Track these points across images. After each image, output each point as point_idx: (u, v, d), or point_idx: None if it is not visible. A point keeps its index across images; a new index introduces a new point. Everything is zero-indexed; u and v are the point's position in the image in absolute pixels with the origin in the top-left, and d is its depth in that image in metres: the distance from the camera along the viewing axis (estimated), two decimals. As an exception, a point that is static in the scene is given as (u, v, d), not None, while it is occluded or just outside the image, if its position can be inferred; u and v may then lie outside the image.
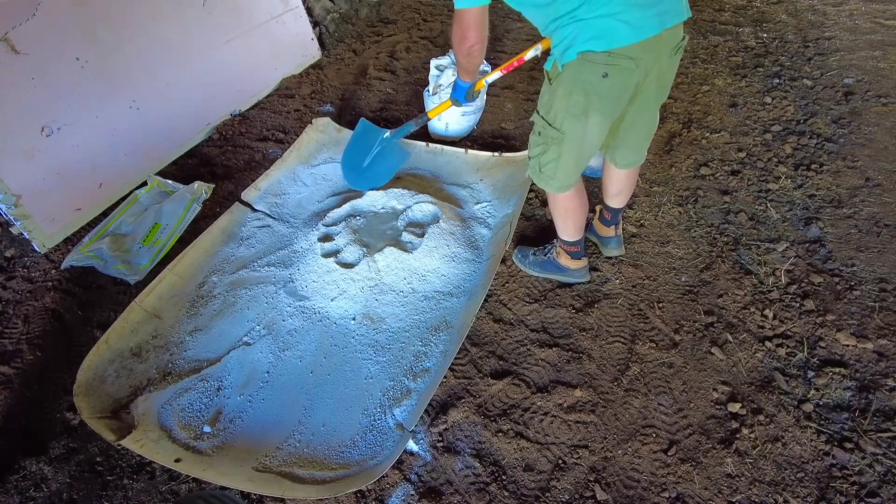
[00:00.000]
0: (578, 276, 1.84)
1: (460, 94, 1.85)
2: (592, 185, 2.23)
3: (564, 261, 1.81)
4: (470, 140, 2.63)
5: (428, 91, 2.53)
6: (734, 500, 1.35)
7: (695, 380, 1.60)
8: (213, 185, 2.37)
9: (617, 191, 1.77)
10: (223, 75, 2.73)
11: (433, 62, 2.55)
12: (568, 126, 1.39)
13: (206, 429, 1.52)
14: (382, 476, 1.38)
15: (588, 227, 1.96)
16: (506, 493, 1.39)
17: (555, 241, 1.84)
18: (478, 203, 2.19)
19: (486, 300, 1.82)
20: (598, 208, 1.93)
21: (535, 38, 1.38)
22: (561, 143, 1.43)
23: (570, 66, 1.30)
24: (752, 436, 1.46)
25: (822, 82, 2.77)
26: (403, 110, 2.86)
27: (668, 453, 1.44)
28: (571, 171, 1.53)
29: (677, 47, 1.36)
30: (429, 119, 2.16)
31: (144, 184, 2.36)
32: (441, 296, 1.83)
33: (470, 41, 1.43)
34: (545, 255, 1.87)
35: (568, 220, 1.69)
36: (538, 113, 1.46)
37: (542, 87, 1.44)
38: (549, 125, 1.42)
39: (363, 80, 3.11)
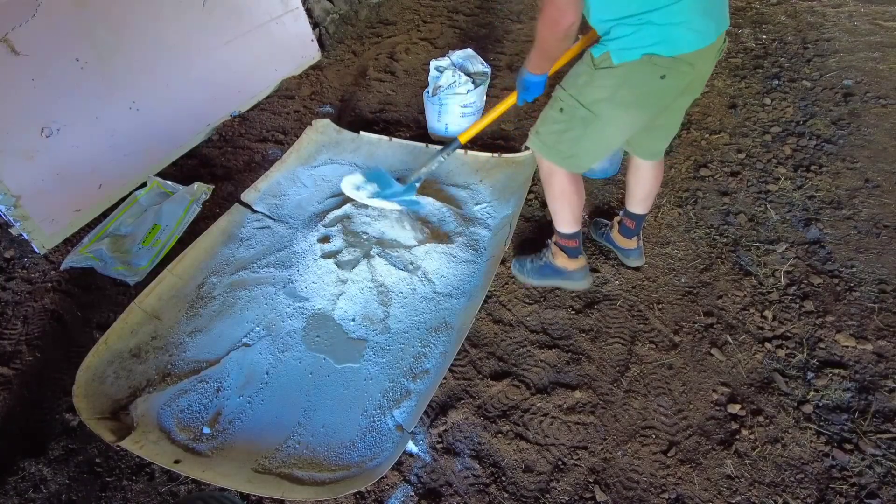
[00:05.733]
0: (578, 278, 1.80)
1: (539, 90, 1.50)
2: (604, 191, 2.23)
3: (561, 261, 1.78)
4: (470, 141, 2.62)
5: (427, 92, 2.54)
6: (734, 501, 1.35)
7: (694, 381, 1.60)
8: (212, 186, 2.37)
9: (645, 192, 1.74)
10: (223, 76, 2.73)
11: (433, 63, 2.55)
12: (604, 111, 1.37)
13: (206, 430, 1.52)
14: (382, 477, 1.38)
15: (606, 236, 1.95)
16: (505, 495, 1.39)
17: (549, 241, 1.81)
18: (477, 204, 2.19)
19: (485, 301, 1.82)
20: (615, 220, 1.89)
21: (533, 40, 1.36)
22: (589, 124, 1.41)
23: (629, 65, 1.29)
24: (751, 437, 1.46)
25: (822, 84, 2.78)
26: (403, 111, 2.86)
27: (668, 454, 1.44)
28: (589, 154, 1.51)
29: (720, 49, 1.38)
30: (461, 144, 1.94)
31: (144, 185, 2.36)
32: (440, 297, 1.83)
33: (569, 19, 1.24)
34: (542, 260, 1.83)
35: (565, 204, 1.63)
36: (565, 90, 1.42)
37: (579, 67, 1.41)
38: (581, 105, 1.39)
39: (363, 81, 3.11)
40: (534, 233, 2.11)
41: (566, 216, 1.67)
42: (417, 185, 2.01)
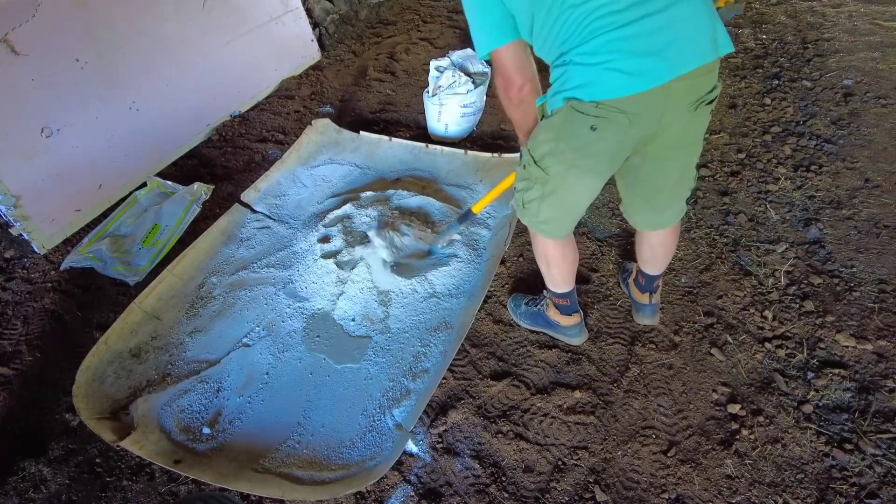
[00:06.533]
0: (571, 334, 1.66)
1: None
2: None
3: (553, 315, 1.64)
4: (469, 141, 2.63)
5: (427, 93, 2.54)
6: (734, 501, 1.35)
7: (694, 381, 1.60)
8: (212, 187, 2.37)
9: (649, 256, 1.55)
10: (223, 76, 2.73)
11: (433, 63, 2.56)
12: (552, 168, 1.22)
13: (206, 430, 1.52)
14: (382, 477, 1.38)
15: (626, 283, 1.78)
16: (505, 495, 1.39)
17: (545, 292, 1.65)
18: (477, 204, 2.19)
19: (485, 301, 1.82)
20: (635, 267, 1.70)
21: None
22: (545, 184, 1.26)
23: (558, 113, 1.14)
24: (751, 437, 1.46)
25: (822, 83, 2.78)
26: (403, 111, 2.86)
27: (668, 454, 1.44)
28: (559, 217, 1.34)
29: (701, 100, 1.11)
30: (473, 214, 1.89)
31: (144, 185, 2.36)
32: (440, 297, 1.83)
33: (516, 83, 1.18)
34: (536, 307, 1.71)
35: (551, 268, 1.49)
36: (526, 146, 1.29)
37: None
38: (535, 162, 1.25)
39: (363, 81, 3.11)
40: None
41: (553, 277, 1.53)
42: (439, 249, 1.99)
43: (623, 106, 1.05)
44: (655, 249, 1.53)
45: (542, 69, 1.20)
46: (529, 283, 1.89)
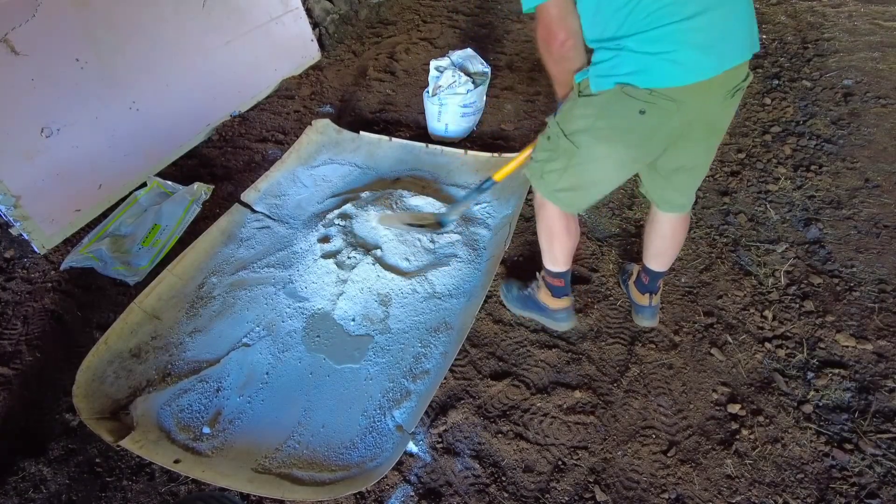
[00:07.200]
0: (559, 319, 1.68)
1: None
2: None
3: (544, 297, 1.66)
4: (469, 141, 2.63)
5: (427, 92, 2.54)
6: (734, 501, 1.35)
7: (694, 381, 1.60)
8: (212, 187, 2.37)
9: (660, 248, 1.57)
10: (223, 76, 2.73)
11: (433, 63, 2.55)
12: (584, 143, 1.25)
13: (206, 430, 1.52)
14: (382, 477, 1.38)
15: (626, 284, 1.81)
16: (505, 495, 1.39)
17: (538, 274, 1.70)
18: (477, 204, 2.19)
19: (485, 301, 1.82)
20: (636, 269, 1.76)
21: (534, 38, 1.35)
22: (571, 157, 1.28)
23: (605, 94, 1.17)
24: (751, 437, 1.46)
25: (822, 83, 2.78)
26: (403, 111, 2.86)
27: (668, 454, 1.44)
28: (577, 192, 1.36)
29: (736, 88, 1.17)
30: (495, 182, 1.80)
31: (144, 185, 2.36)
32: (440, 297, 1.83)
33: (559, 38, 1.17)
34: (526, 290, 1.74)
35: (553, 242, 1.52)
36: (554, 117, 1.32)
37: (571, 93, 1.28)
38: (564, 135, 1.27)
39: (363, 81, 3.11)
40: (534, 233, 2.10)
41: (553, 255, 1.56)
42: (452, 223, 1.99)
43: (674, 94, 1.11)
44: (666, 240, 1.54)
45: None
46: (526, 272, 1.90)
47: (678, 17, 1.04)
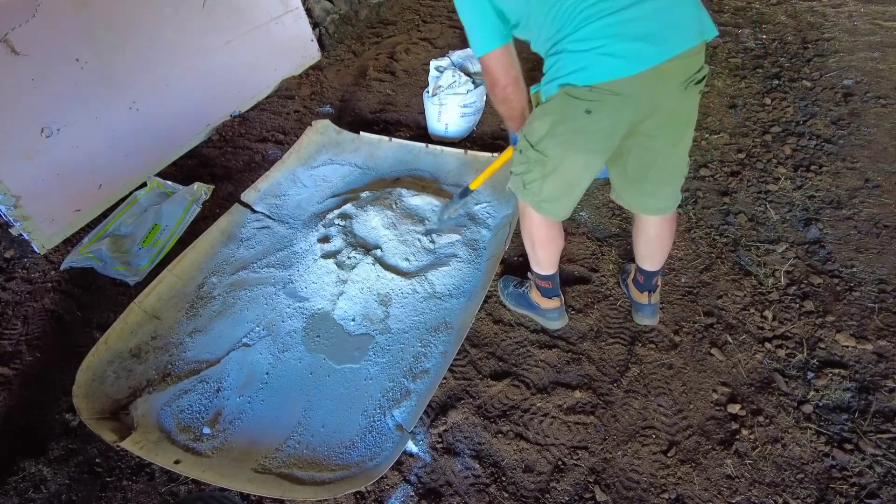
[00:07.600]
0: (550, 318, 1.71)
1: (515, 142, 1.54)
2: (605, 190, 2.23)
3: (535, 297, 1.70)
4: (469, 141, 2.63)
5: (427, 92, 2.54)
6: (734, 501, 1.35)
7: (694, 381, 1.60)
8: (212, 187, 2.37)
9: (647, 251, 1.57)
10: (223, 76, 2.73)
11: (433, 63, 2.56)
12: (549, 150, 1.27)
13: (206, 430, 1.52)
14: (382, 477, 1.38)
15: (625, 282, 1.81)
16: (505, 495, 1.39)
17: (529, 274, 1.72)
18: (477, 204, 2.19)
19: (485, 301, 1.82)
20: (633, 268, 1.73)
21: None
22: (543, 165, 1.30)
23: (553, 100, 1.22)
24: (751, 437, 1.46)
25: (822, 84, 2.78)
26: (403, 111, 2.86)
27: (668, 454, 1.44)
28: (561, 195, 1.36)
29: (690, 80, 1.16)
30: (471, 191, 1.93)
31: (144, 185, 2.36)
32: (440, 297, 1.83)
33: (501, 83, 1.31)
34: (521, 288, 1.77)
35: (536, 249, 1.54)
36: (522, 131, 1.35)
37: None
38: (531, 146, 1.30)
39: (363, 81, 3.11)
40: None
41: (536, 259, 1.58)
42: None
43: (616, 88, 1.11)
44: (651, 242, 1.54)
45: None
46: (525, 271, 1.89)
47: (606, 13, 1.08)
